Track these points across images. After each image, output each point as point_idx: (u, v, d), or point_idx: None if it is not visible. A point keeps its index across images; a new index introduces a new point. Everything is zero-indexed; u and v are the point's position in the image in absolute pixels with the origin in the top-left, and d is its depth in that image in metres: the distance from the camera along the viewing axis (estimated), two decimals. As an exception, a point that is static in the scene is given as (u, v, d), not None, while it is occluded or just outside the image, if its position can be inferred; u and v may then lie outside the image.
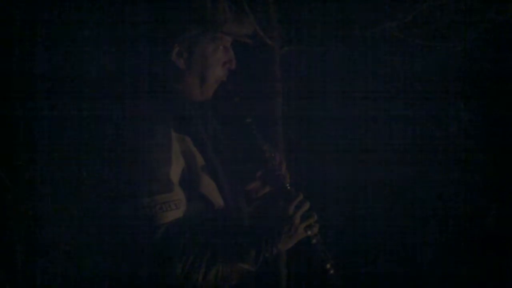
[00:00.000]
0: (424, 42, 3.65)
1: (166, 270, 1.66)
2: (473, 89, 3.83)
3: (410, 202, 3.68)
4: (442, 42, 3.64)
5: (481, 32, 3.59)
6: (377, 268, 3.53)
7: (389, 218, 3.62)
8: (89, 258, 1.74)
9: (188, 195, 1.74)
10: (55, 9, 2.44)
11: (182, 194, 1.72)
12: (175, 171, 1.73)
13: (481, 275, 3.60)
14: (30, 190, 2.49)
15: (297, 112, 3.68)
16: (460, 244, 3.67)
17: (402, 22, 3.58)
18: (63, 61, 2.25)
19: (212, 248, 1.69)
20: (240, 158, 1.94)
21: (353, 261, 3.38)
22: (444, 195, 3.71)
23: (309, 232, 1.77)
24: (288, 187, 1.85)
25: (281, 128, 3.43)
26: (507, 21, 3.57)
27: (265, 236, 1.72)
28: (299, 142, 3.63)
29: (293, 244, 1.77)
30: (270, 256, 1.73)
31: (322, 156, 3.62)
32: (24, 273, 2.60)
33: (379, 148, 3.68)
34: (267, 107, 3.45)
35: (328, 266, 1.78)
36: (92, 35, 2.04)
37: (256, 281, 1.84)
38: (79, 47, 2.10)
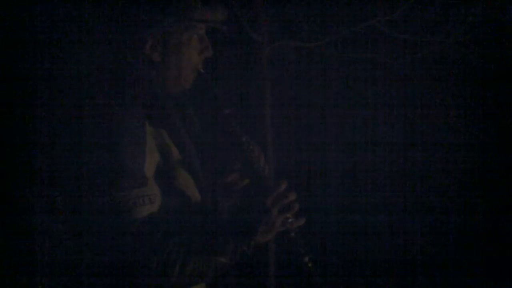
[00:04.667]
0: (410, 38, 3.64)
1: (141, 266, 1.64)
2: (462, 84, 3.81)
3: (401, 195, 3.67)
4: (429, 38, 3.63)
5: (468, 27, 3.57)
6: (366, 261, 3.51)
7: (380, 211, 3.60)
8: (68, 252, 1.72)
9: (163, 189, 1.71)
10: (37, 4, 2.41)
11: (157, 189, 1.70)
12: (150, 165, 1.70)
13: (475, 270, 3.58)
14: (13, 184, 2.47)
15: (285, 106, 3.66)
16: (451, 238, 3.66)
17: (389, 18, 3.57)
18: (40, 57, 2.23)
19: (188, 242, 1.66)
20: (218, 151, 1.92)
21: (341, 254, 3.36)
22: (436, 189, 3.70)
23: (288, 225, 1.74)
24: (268, 180, 1.82)
25: (269, 122, 3.40)
26: (494, 15, 3.56)
27: (242, 229, 1.70)
28: (288, 136, 3.62)
29: (272, 237, 1.75)
30: (248, 249, 1.70)
31: (310, 149, 3.61)
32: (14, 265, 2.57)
33: (368, 141, 3.67)
34: (255, 102, 3.43)
35: (307, 259, 1.76)
36: (66, 32, 2.02)
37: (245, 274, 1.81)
38: (54, 42, 2.08)
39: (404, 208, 3.59)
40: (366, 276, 3.46)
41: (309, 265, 1.76)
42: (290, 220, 1.74)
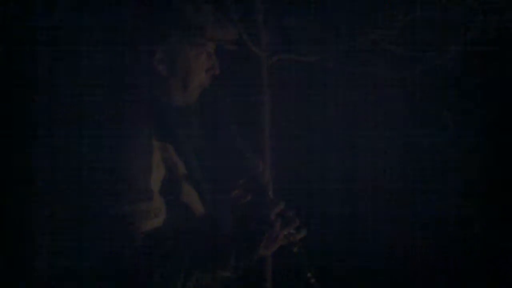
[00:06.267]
0: (411, 53, 3.66)
1: (144, 279, 1.65)
2: (461, 98, 3.83)
3: (400, 208, 3.68)
4: (429, 52, 3.65)
5: (468, 42, 3.59)
6: (366, 276, 3.52)
7: (379, 224, 3.61)
8: (71, 265, 1.73)
9: (168, 203, 1.72)
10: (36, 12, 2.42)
11: (162, 203, 1.71)
12: (156, 179, 1.71)
13: (470, 279, 3.59)
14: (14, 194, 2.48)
15: (285, 121, 3.67)
16: (449, 250, 3.67)
17: (389, 32, 3.59)
18: (40, 66, 2.23)
19: (191, 256, 1.67)
20: (223, 166, 1.93)
21: (340, 269, 3.36)
22: (432, 200, 3.72)
23: (291, 238, 1.76)
24: (270, 195, 1.84)
25: (268, 137, 3.41)
26: (493, 31, 3.59)
27: (245, 242, 1.71)
28: (287, 151, 3.62)
29: (274, 250, 1.76)
30: (250, 263, 1.72)
31: (310, 165, 3.61)
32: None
33: (368, 155, 3.68)
34: (254, 116, 3.44)
35: (309, 275, 1.77)
36: (71, 42, 2.03)
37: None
38: (58, 53, 2.09)
39: (411, 218, 3.60)
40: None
41: (312, 280, 1.77)
42: (292, 231, 1.76)
